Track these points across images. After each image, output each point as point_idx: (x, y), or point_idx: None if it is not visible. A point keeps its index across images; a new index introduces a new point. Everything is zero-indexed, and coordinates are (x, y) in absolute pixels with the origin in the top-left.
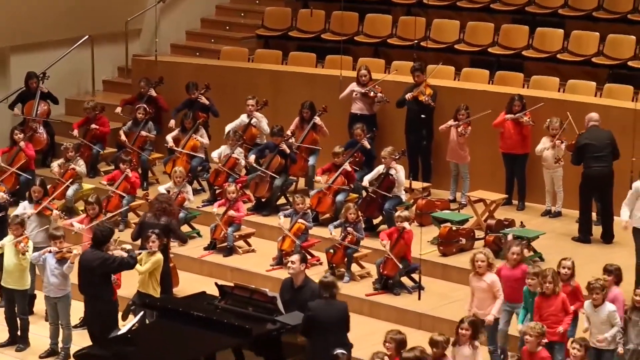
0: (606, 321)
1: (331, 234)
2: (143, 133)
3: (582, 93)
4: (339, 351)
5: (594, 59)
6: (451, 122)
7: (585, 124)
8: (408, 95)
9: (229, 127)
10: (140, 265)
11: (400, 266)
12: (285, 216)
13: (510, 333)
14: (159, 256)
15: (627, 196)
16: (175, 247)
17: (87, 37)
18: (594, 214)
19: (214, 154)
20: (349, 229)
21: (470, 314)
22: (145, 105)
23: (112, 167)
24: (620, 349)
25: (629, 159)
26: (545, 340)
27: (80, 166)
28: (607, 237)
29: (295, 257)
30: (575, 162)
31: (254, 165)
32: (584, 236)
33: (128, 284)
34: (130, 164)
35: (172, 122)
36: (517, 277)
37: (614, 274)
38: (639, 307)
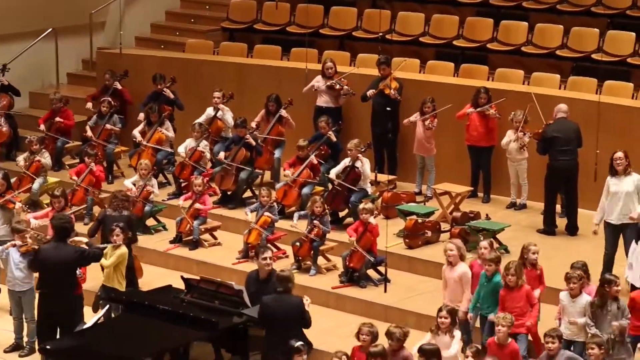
0: (582, 311)
1: (295, 222)
2: (108, 126)
3: (547, 86)
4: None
5: (558, 52)
6: (416, 115)
7: (554, 115)
8: (370, 92)
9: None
10: (105, 259)
11: (369, 258)
12: (251, 210)
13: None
14: (123, 249)
15: (602, 195)
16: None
17: (50, 29)
18: (558, 206)
19: (181, 149)
20: (315, 221)
21: (445, 303)
22: (109, 99)
23: (77, 160)
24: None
25: (593, 151)
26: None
27: (46, 158)
28: (572, 229)
29: (268, 254)
30: (541, 152)
31: (219, 158)
32: (548, 228)
33: (93, 277)
34: (96, 157)
35: (141, 116)
36: None
37: (582, 270)
38: (612, 297)
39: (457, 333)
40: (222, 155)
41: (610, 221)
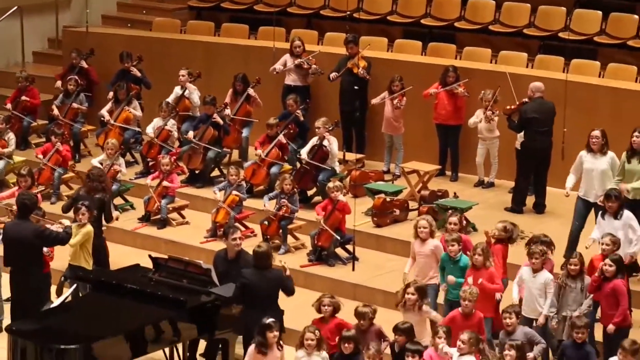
0: (542, 287)
1: (264, 205)
2: (74, 105)
3: (514, 64)
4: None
5: (525, 31)
6: (384, 94)
7: (532, 94)
8: (332, 75)
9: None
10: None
11: (337, 237)
12: (219, 189)
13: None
14: (88, 228)
15: (574, 163)
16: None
17: (16, 7)
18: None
19: (149, 129)
20: (283, 200)
21: (406, 277)
22: (76, 77)
23: (44, 139)
24: (554, 322)
25: (560, 130)
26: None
27: (10, 140)
28: (540, 207)
29: (238, 234)
30: (516, 130)
31: (187, 137)
32: (517, 206)
33: (61, 256)
34: (62, 136)
35: (111, 94)
36: None
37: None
38: (574, 275)
39: (427, 308)
40: (191, 134)
41: (586, 198)
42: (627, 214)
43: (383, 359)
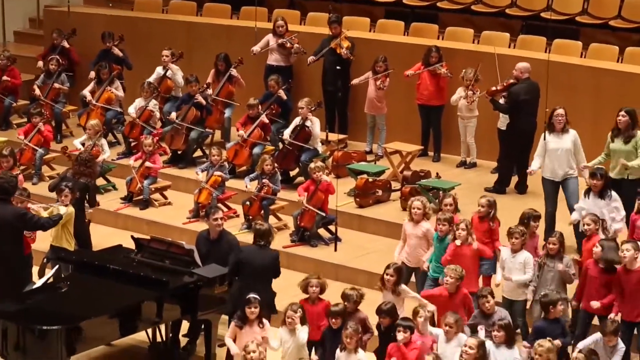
0: (521, 268)
1: (246, 186)
2: (56, 85)
3: (496, 44)
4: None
5: (507, 11)
6: (367, 74)
7: (519, 75)
8: (310, 59)
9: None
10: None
11: (321, 213)
12: (201, 170)
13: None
14: (70, 209)
15: (538, 146)
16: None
17: None
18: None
19: (131, 109)
20: (264, 180)
21: (398, 260)
22: (58, 57)
23: (25, 119)
24: (529, 296)
25: (542, 110)
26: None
27: None
28: (522, 187)
29: (219, 214)
30: (505, 112)
31: (170, 118)
32: (500, 187)
33: (43, 237)
34: (43, 116)
35: (92, 74)
36: None
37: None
38: (552, 255)
39: (404, 287)
40: (173, 115)
41: (552, 178)
42: (613, 195)
43: (362, 339)
